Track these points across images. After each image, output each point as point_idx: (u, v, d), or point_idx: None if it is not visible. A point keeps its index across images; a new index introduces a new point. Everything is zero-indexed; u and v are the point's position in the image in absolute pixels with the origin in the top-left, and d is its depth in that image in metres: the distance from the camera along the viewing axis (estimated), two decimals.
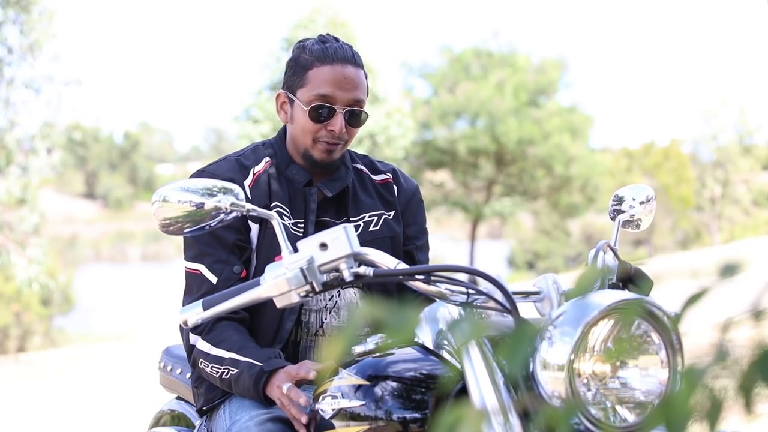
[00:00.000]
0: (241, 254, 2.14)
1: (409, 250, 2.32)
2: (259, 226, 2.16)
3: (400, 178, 2.37)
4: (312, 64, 2.17)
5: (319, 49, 2.18)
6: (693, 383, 0.82)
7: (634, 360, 1.54)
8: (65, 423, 7.79)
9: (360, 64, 2.22)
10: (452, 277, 1.60)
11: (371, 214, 2.26)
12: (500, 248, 37.20)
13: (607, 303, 1.48)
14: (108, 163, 69.38)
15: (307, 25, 18.04)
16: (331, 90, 2.14)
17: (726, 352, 0.82)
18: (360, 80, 2.19)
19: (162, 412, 2.63)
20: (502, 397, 1.51)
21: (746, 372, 0.81)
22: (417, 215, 2.37)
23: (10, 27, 12.06)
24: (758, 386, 0.81)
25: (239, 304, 1.64)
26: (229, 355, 2.01)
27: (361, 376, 1.73)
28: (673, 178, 31.77)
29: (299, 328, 2.17)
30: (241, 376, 1.98)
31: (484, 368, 1.54)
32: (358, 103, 2.17)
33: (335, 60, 2.17)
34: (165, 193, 1.70)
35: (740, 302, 4.87)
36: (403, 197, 2.35)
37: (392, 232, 2.27)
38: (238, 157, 2.23)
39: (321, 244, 1.57)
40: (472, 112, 22.02)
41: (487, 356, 1.57)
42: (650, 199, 2.18)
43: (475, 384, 1.53)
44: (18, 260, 11.71)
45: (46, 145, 12.11)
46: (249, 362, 1.98)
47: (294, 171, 2.21)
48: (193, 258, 2.14)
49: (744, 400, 0.82)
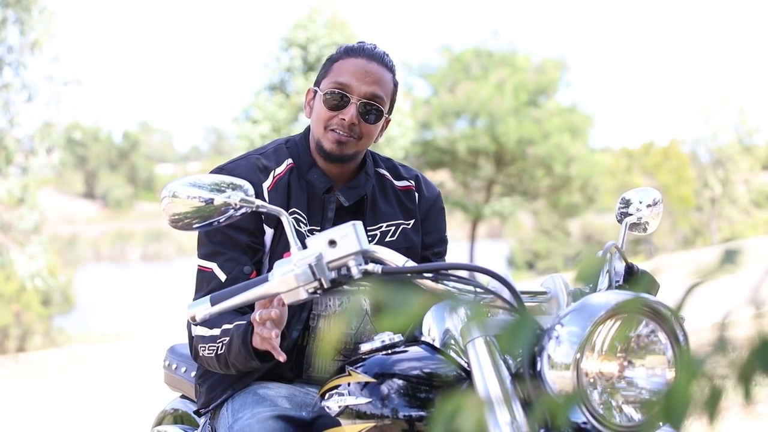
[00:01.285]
0: (254, 255, 2.13)
1: (426, 256, 2.30)
2: (273, 230, 2.14)
3: (422, 186, 2.34)
4: (339, 57, 2.20)
5: (352, 46, 2.21)
6: (693, 372, 0.82)
7: (640, 359, 1.54)
8: (65, 423, 7.79)
9: (388, 65, 2.21)
10: (460, 275, 1.60)
11: (389, 224, 2.24)
12: (500, 248, 37.20)
13: (614, 302, 1.48)
14: (108, 163, 69.40)
15: (307, 26, 18.05)
16: (349, 79, 2.14)
17: (726, 342, 0.82)
18: (382, 77, 2.17)
19: (165, 411, 2.63)
20: (507, 391, 1.51)
21: (746, 361, 0.81)
22: (437, 223, 2.35)
23: (10, 27, 12.05)
24: (757, 375, 0.81)
25: (247, 299, 1.64)
26: (221, 329, 2.00)
27: (368, 374, 1.73)
28: (673, 178, 31.78)
29: (306, 333, 2.16)
30: (231, 341, 1.95)
31: (491, 365, 1.55)
32: (374, 98, 2.15)
33: (361, 54, 2.18)
34: (175, 188, 1.70)
35: (739, 301, 4.88)
36: (424, 205, 2.32)
37: (409, 243, 2.25)
38: (258, 156, 2.20)
39: (330, 241, 1.57)
40: (472, 112, 22.03)
41: (493, 354, 1.57)
42: (657, 202, 2.19)
43: (481, 379, 1.54)
44: (18, 257, 11.70)
45: (46, 145, 12.11)
46: (237, 324, 1.95)
47: (315, 176, 2.19)
48: (206, 256, 2.14)
49: (743, 389, 0.82)
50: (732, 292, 5.13)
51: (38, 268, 11.67)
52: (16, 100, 12.14)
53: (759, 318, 0.84)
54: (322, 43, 17.78)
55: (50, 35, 12.07)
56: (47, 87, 12.21)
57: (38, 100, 12.19)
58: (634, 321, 1.52)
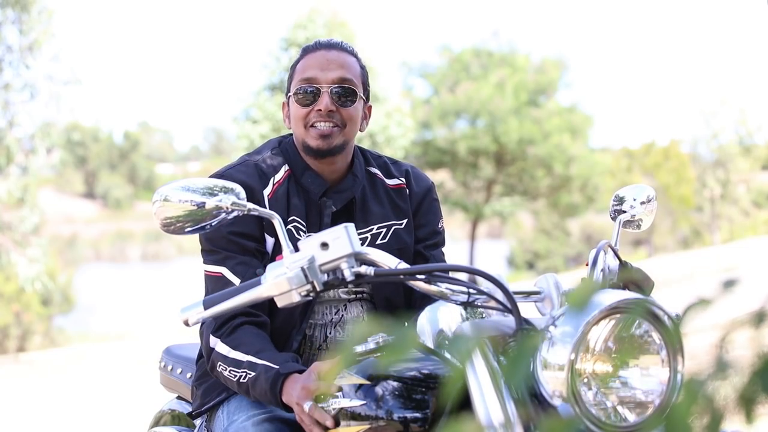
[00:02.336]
0: (262, 259, 2.12)
1: (419, 250, 2.28)
2: (274, 239, 2.13)
3: (412, 181, 2.31)
4: (300, 59, 2.21)
5: (308, 45, 2.23)
6: (694, 394, 0.81)
7: (635, 360, 1.53)
8: (65, 423, 7.79)
9: (348, 50, 2.22)
10: (453, 276, 1.60)
11: (380, 226, 2.22)
12: (500, 248, 37.21)
13: (608, 303, 1.47)
14: (108, 163, 69.38)
15: (306, 26, 18.04)
16: (314, 72, 2.15)
17: (726, 363, 0.82)
18: (345, 61, 2.17)
19: (162, 412, 2.63)
20: (506, 408, 1.49)
21: (747, 382, 0.80)
22: (428, 216, 2.31)
23: (10, 27, 12.05)
24: (759, 397, 0.80)
25: (240, 303, 1.63)
26: (246, 358, 1.97)
27: (362, 376, 1.73)
28: (673, 178, 31.77)
29: (303, 341, 2.15)
30: (258, 380, 1.93)
31: (488, 376, 1.52)
32: (344, 82, 2.15)
33: (319, 48, 2.19)
34: (166, 192, 1.69)
35: (740, 302, 4.87)
36: (415, 200, 2.29)
37: (401, 244, 2.22)
38: (257, 162, 2.18)
39: (322, 243, 1.57)
40: (472, 112, 22.02)
41: (488, 356, 1.56)
42: (651, 199, 2.17)
43: (479, 391, 1.52)
44: (18, 259, 11.70)
45: (46, 145, 12.11)
46: (266, 365, 1.93)
47: (309, 179, 2.18)
48: (215, 261, 2.11)
49: (745, 410, 0.81)
50: (731, 294, 5.12)
51: (37, 272, 11.66)
52: (16, 99, 12.15)
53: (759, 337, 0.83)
54: None
55: (50, 35, 12.07)
56: (47, 87, 12.22)
57: (38, 100, 12.20)
58: (629, 321, 1.52)
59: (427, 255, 2.28)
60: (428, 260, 2.27)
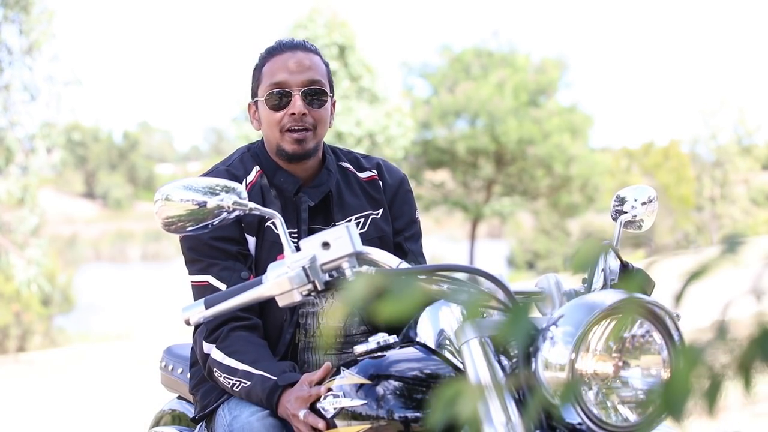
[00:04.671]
0: (245, 262, 2.14)
1: (399, 242, 2.31)
2: (256, 238, 2.15)
3: (384, 173, 2.34)
4: (264, 61, 2.22)
5: (271, 47, 2.24)
6: (692, 361, 0.81)
7: (635, 360, 1.53)
8: (65, 423, 7.79)
9: (312, 50, 2.24)
10: (454, 276, 1.60)
11: (357, 216, 2.24)
12: (500, 248, 37.18)
13: (609, 302, 1.48)
14: (108, 163, 69.35)
15: (306, 25, 18.03)
16: (283, 75, 2.16)
17: (725, 330, 0.82)
18: (313, 63, 2.19)
19: (163, 412, 2.63)
20: (501, 392, 1.51)
21: (746, 350, 0.80)
22: (403, 207, 2.34)
23: (10, 27, 12.05)
24: (757, 364, 0.80)
25: (241, 303, 1.64)
26: (242, 367, 2.01)
27: (363, 376, 1.73)
28: (672, 178, 31.76)
29: (297, 330, 2.16)
30: (253, 390, 1.97)
31: (486, 366, 1.55)
32: (314, 83, 2.17)
33: (283, 49, 2.20)
34: (168, 191, 1.70)
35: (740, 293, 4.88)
36: (389, 192, 2.32)
37: (380, 233, 2.26)
38: (227, 167, 2.21)
39: (323, 243, 1.57)
40: (472, 112, 22.01)
41: (488, 355, 1.57)
42: (652, 200, 2.18)
43: (476, 381, 1.54)
44: (17, 261, 11.69)
45: (46, 145, 12.10)
46: (262, 376, 1.96)
47: (282, 178, 2.20)
48: (199, 271, 2.13)
49: (743, 378, 0.81)
50: (731, 291, 5.12)
51: (35, 274, 11.66)
52: (16, 100, 12.14)
53: (760, 307, 0.83)
54: (322, 43, 17.76)
55: (50, 35, 12.06)
56: (47, 87, 12.22)
57: (38, 100, 12.19)
58: (629, 321, 1.52)
59: (407, 248, 2.30)
60: (407, 254, 2.29)
